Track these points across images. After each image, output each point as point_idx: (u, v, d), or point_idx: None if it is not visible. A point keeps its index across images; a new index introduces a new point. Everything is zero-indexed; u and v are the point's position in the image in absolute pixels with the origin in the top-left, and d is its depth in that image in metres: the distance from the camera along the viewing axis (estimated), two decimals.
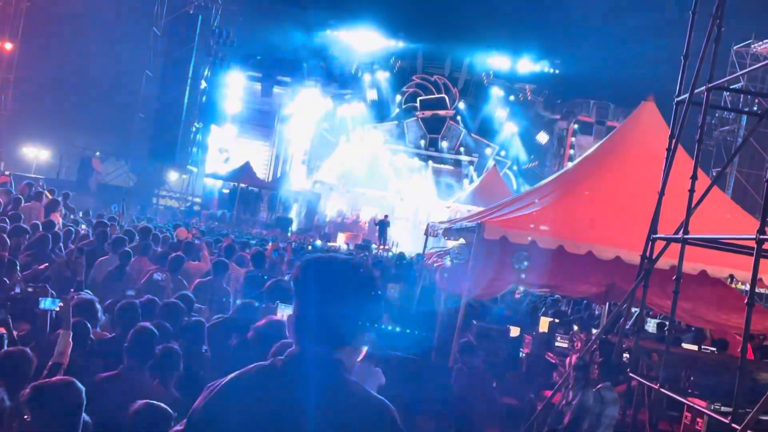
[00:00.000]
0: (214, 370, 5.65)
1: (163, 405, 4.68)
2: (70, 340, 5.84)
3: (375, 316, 2.76)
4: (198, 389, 2.76)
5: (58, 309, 6.20)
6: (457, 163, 46.33)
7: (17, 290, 7.38)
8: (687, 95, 8.66)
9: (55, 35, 31.62)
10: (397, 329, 10.51)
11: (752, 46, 34.67)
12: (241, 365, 2.76)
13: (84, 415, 4.43)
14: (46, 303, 6.38)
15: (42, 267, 9.84)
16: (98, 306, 7.21)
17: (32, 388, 4.41)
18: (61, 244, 11.74)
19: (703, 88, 8.22)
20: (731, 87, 9.14)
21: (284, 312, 6.07)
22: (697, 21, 9.02)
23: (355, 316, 2.68)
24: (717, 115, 33.39)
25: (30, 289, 6.96)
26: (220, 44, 41.69)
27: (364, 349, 2.74)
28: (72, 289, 7.87)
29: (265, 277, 10.70)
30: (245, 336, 5.96)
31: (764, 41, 34.16)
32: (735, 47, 34.70)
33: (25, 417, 4.32)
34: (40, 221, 13.25)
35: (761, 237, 6.07)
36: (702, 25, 8.66)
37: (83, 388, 4.46)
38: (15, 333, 6.34)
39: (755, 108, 26.76)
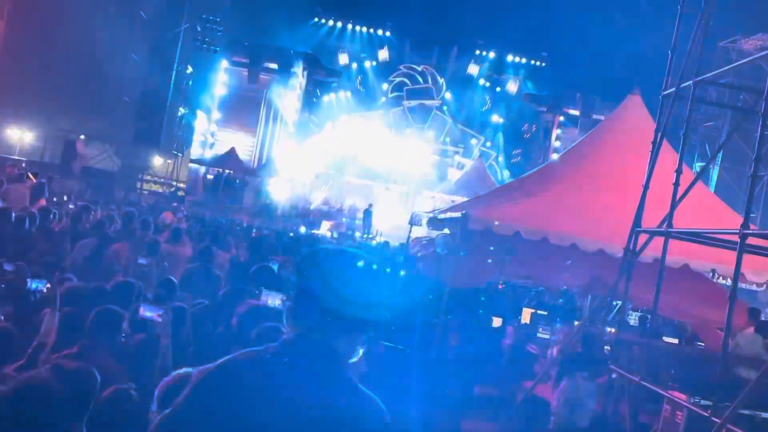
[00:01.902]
0: (196, 357, 5.64)
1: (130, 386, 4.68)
2: (56, 321, 5.81)
3: (380, 309, 2.74)
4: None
5: (45, 290, 6.19)
6: (443, 153, 46.32)
7: (7, 267, 7.34)
8: (674, 89, 8.70)
9: (41, 18, 31.35)
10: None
11: (738, 42, 34.80)
12: (224, 352, 2.74)
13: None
14: (34, 284, 6.36)
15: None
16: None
17: (52, 366, 4.41)
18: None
19: (690, 82, 8.26)
20: (719, 82, 9.18)
21: (268, 298, 6.04)
22: (684, 15, 9.05)
23: (360, 309, 2.66)
24: (702, 110, 33.49)
25: (11, 268, 6.94)
26: (207, 30, 41.44)
27: (361, 349, 2.72)
28: (57, 271, 7.84)
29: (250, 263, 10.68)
30: (230, 323, 5.94)
31: (750, 37, 34.29)
32: (721, 43, 34.83)
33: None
34: (26, 204, 13.16)
35: (745, 232, 6.11)
36: (689, 20, 8.70)
37: (98, 378, 4.45)
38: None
39: (740, 104, 26.86)
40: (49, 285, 6.15)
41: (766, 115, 6.41)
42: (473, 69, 47.14)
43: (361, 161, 42.68)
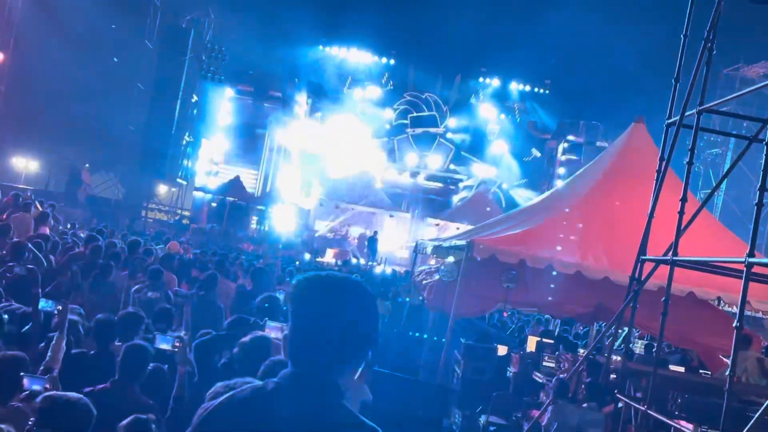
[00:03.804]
0: (199, 388, 5.63)
1: (149, 417, 4.66)
2: (64, 345, 5.82)
3: (374, 335, 2.67)
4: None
5: (56, 312, 6.18)
6: (447, 181, 46.38)
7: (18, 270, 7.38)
8: (678, 118, 8.71)
9: (47, 47, 31.51)
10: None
11: (741, 69, 34.95)
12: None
13: None
14: (44, 304, 6.36)
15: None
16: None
17: (45, 399, 4.42)
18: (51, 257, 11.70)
19: (694, 111, 8.27)
20: (722, 110, 9.19)
21: (271, 329, 6.02)
22: (688, 44, 9.08)
23: (356, 335, 2.61)
24: (706, 137, 33.56)
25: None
26: (212, 59, 41.66)
27: (360, 369, 2.66)
28: (70, 298, 7.86)
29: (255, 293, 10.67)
30: (233, 353, 5.93)
31: (753, 65, 34.44)
32: (724, 70, 34.97)
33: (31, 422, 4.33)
34: (30, 233, 13.19)
35: (750, 260, 6.09)
36: (694, 49, 8.72)
37: (94, 411, 4.46)
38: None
39: (743, 131, 26.89)
40: (60, 307, 6.13)
41: None
42: (477, 96, 47.28)
43: (366, 189, 42.69)
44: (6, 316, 6.49)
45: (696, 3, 9.18)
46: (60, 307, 6.11)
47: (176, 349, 5.85)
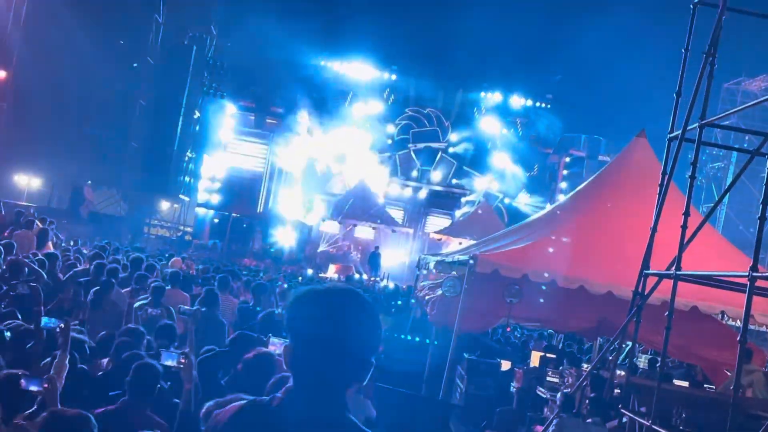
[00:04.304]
0: (203, 404, 5.61)
1: None
2: (67, 363, 5.81)
3: (377, 349, 2.62)
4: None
5: (57, 330, 6.17)
6: (449, 195, 46.37)
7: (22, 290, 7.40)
8: (680, 132, 8.71)
9: (49, 64, 31.65)
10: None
11: (743, 83, 35.04)
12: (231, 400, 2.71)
13: None
14: (46, 321, 6.35)
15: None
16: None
17: (50, 414, 4.44)
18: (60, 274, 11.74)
19: (696, 125, 8.27)
20: (723, 124, 9.22)
21: (276, 345, 6.01)
22: (689, 58, 9.09)
23: (359, 348, 2.55)
24: (708, 151, 33.60)
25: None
26: (214, 75, 41.81)
27: (366, 381, 2.60)
28: (73, 315, 7.87)
29: (258, 309, 10.66)
30: (237, 370, 5.92)
31: (755, 78, 34.51)
32: (726, 84, 35.06)
33: None
34: (33, 249, 13.22)
35: (754, 274, 6.08)
36: (695, 63, 8.74)
37: (96, 427, 4.47)
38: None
39: (745, 145, 26.91)
40: (62, 325, 6.11)
41: None
42: (479, 111, 47.35)
43: (368, 203, 42.70)
44: (8, 333, 6.50)
45: (697, 17, 9.21)
46: (62, 325, 6.09)
47: (181, 366, 5.83)
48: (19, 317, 7.30)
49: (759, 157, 8.34)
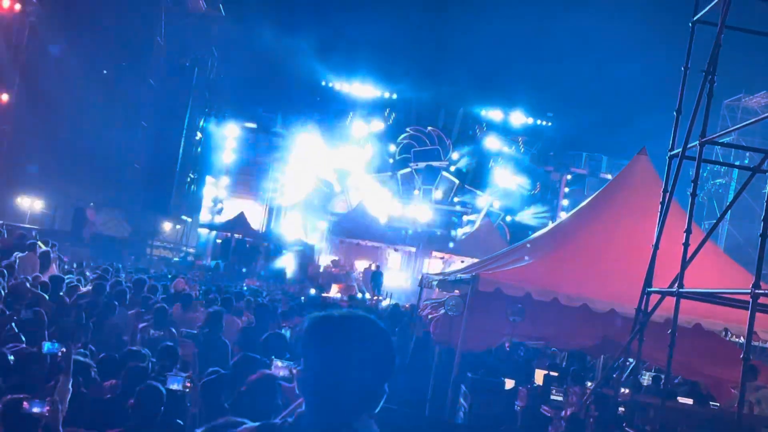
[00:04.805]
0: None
1: None
2: (69, 387, 5.81)
3: (390, 377, 2.60)
4: None
5: (59, 354, 6.17)
6: (451, 214, 46.41)
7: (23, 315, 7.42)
8: (680, 149, 8.74)
9: (51, 86, 31.76)
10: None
11: (743, 99, 35.10)
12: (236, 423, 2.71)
13: None
14: (47, 346, 6.35)
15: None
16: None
17: None
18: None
19: (696, 143, 8.30)
20: (724, 141, 9.24)
21: (279, 367, 6.00)
22: (690, 75, 9.14)
23: (375, 381, 2.56)
24: (709, 167, 33.64)
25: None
26: (215, 96, 41.95)
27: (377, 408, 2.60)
28: (75, 338, 7.87)
29: (261, 329, 10.65)
30: (241, 392, 5.91)
31: (755, 95, 34.57)
32: (726, 101, 35.12)
33: None
34: (37, 272, 13.24)
35: (756, 291, 6.09)
36: (694, 80, 8.77)
37: None
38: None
39: (746, 161, 26.94)
40: (64, 349, 6.12)
41: None
42: (480, 129, 47.45)
43: (371, 223, 42.72)
44: (12, 357, 6.50)
45: (696, 34, 9.26)
46: (64, 349, 6.10)
47: (187, 390, 5.83)
48: (23, 341, 7.31)
49: (760, 174, 8.37)
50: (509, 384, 13.34)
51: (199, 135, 41.61)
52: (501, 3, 42.65)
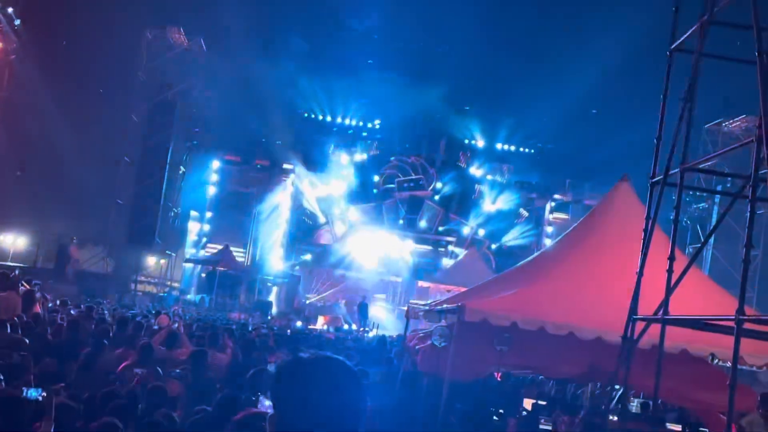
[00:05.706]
0: None
1: None
2: (52, 430, 5.75)
3: (362, 418, 2.61)
4: None
5: (40, 399, 6.10)
6: (436, 243, 46.45)
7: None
8: (661, 176, 8.79)
9: (31, 121, 31.76)
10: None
11: (723, 124, 35.34)
12: None
13: None
14: (29, 393, 6.28)
15: None
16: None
17: None
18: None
19: (677, 170, 8.35)
20: (704, 167, 9.30)
21: (266, 405, 5.97)
22: (669, 102, 9.21)
23: (346, 424, 2.56)
24: (692, 192, 33.82)
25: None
26: (199, 129, 41.98)
27: None
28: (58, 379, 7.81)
29: (248, 366, 10.58)
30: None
31: (735, 119, 34.84)
32: (707, 125, 35.34)
33: None
34: (18, 312, 13.12)
35: (741, 317, 6.10)
36: (675, 106, 8.84)
37: None
38: None
39: (728, 185, 27.11)
40: (44, 394, 6.06)
41: (754, 200, 6.49)
42: (463, 158, 47.66)
43: (356, 254, 42.70)
44: None
45: (677, 59, 9.33)
46: (44, 394, 6.04)
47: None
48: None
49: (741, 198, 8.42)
50: (498, 414, 13.31)
51: (182, 169, 41.57)
52: (484, 30, 42.93)
